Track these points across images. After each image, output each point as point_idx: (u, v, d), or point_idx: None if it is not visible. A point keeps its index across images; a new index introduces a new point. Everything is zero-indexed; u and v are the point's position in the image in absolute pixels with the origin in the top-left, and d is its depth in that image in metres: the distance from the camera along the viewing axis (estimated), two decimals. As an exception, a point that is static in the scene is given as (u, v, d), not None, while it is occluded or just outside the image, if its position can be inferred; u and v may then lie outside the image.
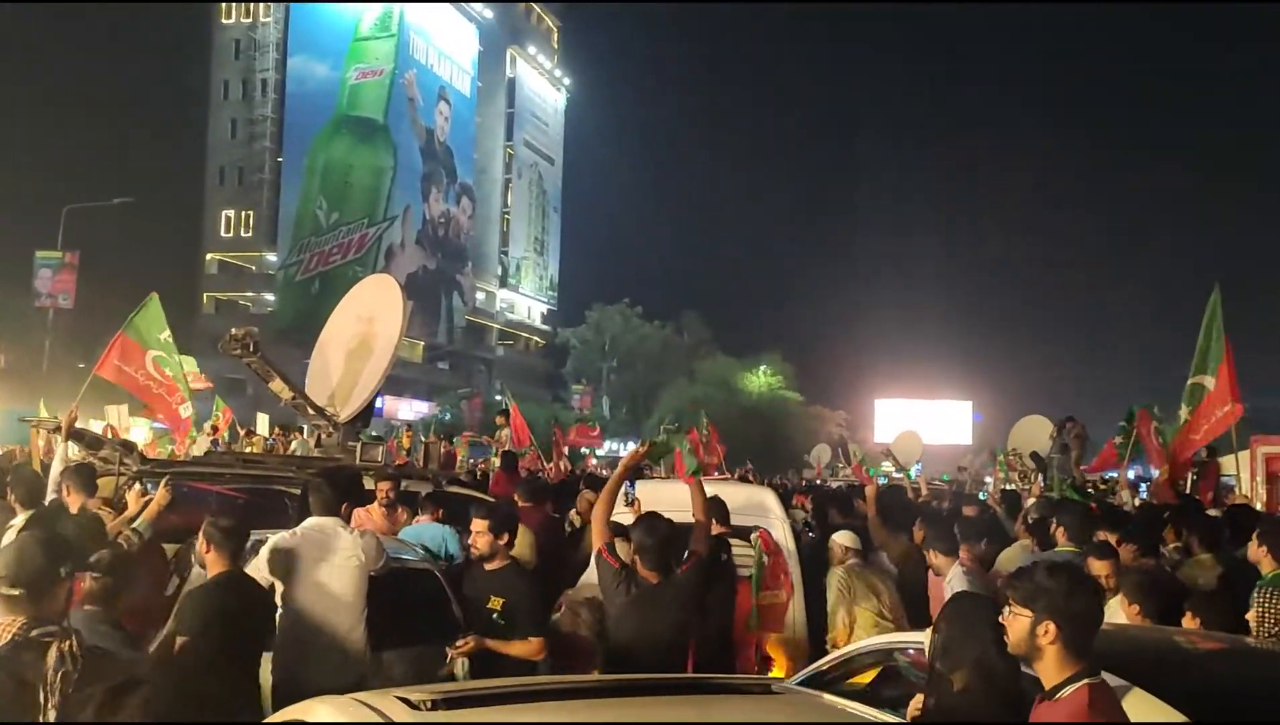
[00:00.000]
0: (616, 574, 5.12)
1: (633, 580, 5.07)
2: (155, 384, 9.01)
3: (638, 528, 5.23)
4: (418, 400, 63.54)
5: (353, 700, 2.60)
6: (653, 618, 5.01)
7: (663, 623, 5.01)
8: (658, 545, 5.07)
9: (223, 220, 69.13)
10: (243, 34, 68.98)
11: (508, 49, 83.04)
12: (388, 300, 9.61)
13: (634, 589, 5.05)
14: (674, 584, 5.10)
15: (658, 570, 5.08)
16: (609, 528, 5.48)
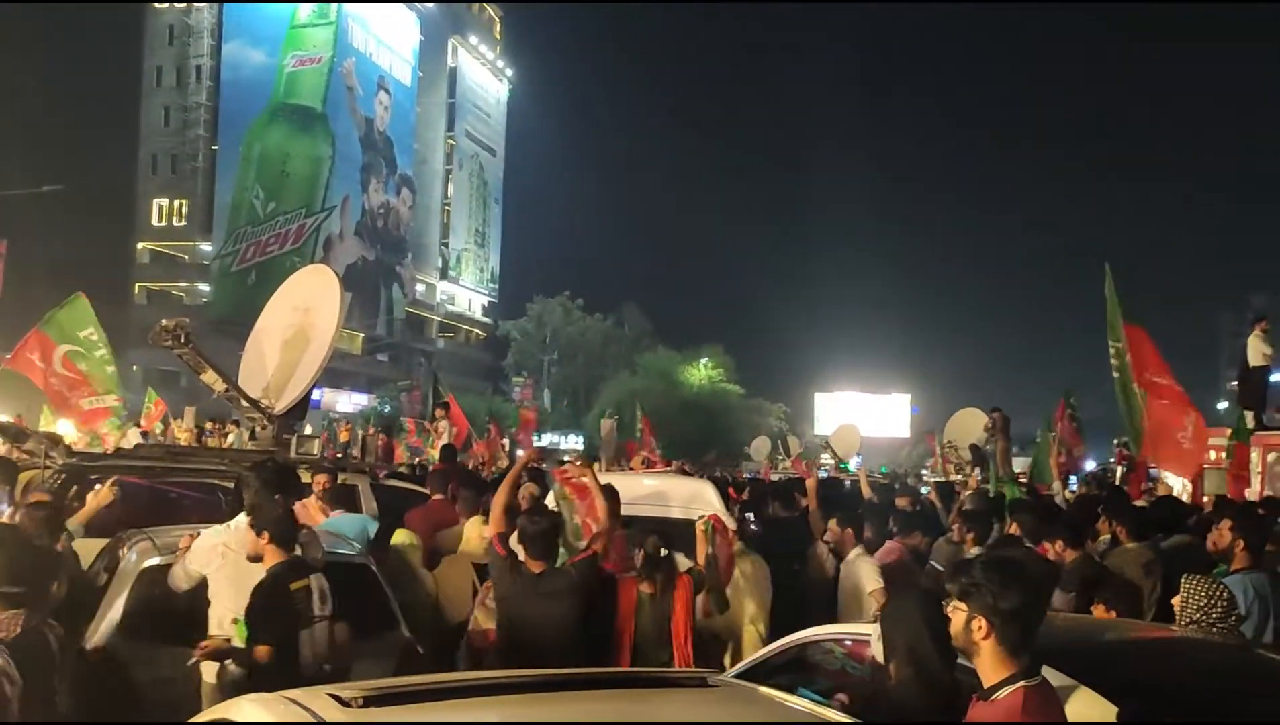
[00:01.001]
0: (503, 562, 5.26)
1: (517, 569, 5.19)
2: (59, 380, 8.86)
3: (523, 516, 5.39)
4: (357, 392, 62.89)
5: (281, 698, 2.55)
6: (535, 606, 5.10)
7: (545, 611, 5.08)
8: (541, 534, 5.20)
9: (155, 209, 67.81)
10: (176, 19, 67.61)
11: (449, 39, 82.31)
12: (325, 291, 9.47)
13: (517, 578, 5.17)
14: (558, 574, 5.21)
15: (541, 559, 5.18)
16: (508, 517, 5.59)
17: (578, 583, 5.17)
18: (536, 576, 5.14)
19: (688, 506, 7.17)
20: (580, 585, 5.18)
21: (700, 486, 7.61)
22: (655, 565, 5.99)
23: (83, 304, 9.12)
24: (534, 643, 4.93)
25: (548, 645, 4.91)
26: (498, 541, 5.34)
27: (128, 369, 53.94)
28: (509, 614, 5.18)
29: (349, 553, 6.11)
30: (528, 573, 5.16)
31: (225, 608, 4.78)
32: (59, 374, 8.75)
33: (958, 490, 10.90)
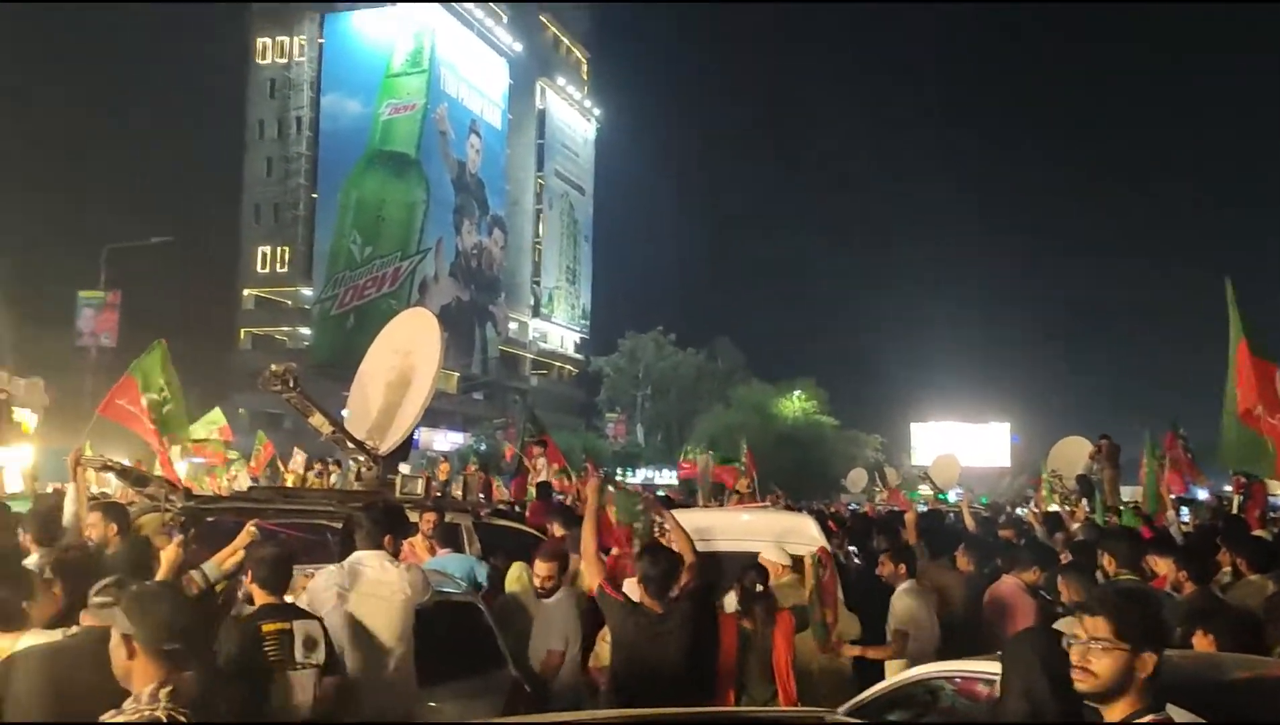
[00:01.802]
0: (621, 607, 5.25)
1: (638, 611, 5.19)
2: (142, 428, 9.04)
3: (642, 559, 5.36)
4: (453, 431, 63.81)
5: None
6: (654, 647, 5.10)
7: (663, 651, 5.09)
8: (662, 575, 5.19)
9: (259, 256, 70.05)
10: (278, 73, 70.16)
11: (537, 81, 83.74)
12: (425, 333, 9.65)
13: (638, 619, 5.16)
14: (677, 611, 5.21)
15: (661, 600, 5.18)
16: (601, 563, 5.60)
17: (690, 620, 5.17)
18: (658, 617, 5.13)
19: (788, 541, 7.14)
20: (695, 618, 5.17)
21: (800, 520, 7.58)
22: (754, 600, 5.98)
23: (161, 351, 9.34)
24: (651, 682, 4.92)
25: (664, 684, 4.91)
26: (606, 586, 5.33)
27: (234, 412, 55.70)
28: (629, 655, 5.17)
29: (454, 591, 6.21)
30: (648, 613, 5.14)
31: (344, 647, 4.89)
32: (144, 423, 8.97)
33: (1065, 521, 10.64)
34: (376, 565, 5.12)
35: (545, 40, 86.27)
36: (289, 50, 70.35)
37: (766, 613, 5.97)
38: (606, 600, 5.31)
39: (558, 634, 6.11)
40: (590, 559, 5.54)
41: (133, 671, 2.96)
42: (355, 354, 10.67)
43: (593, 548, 5.59)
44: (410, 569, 5.29)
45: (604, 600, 5.33)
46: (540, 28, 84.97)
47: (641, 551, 5.39)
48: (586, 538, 5.64)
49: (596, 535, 5.69)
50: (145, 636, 2.95)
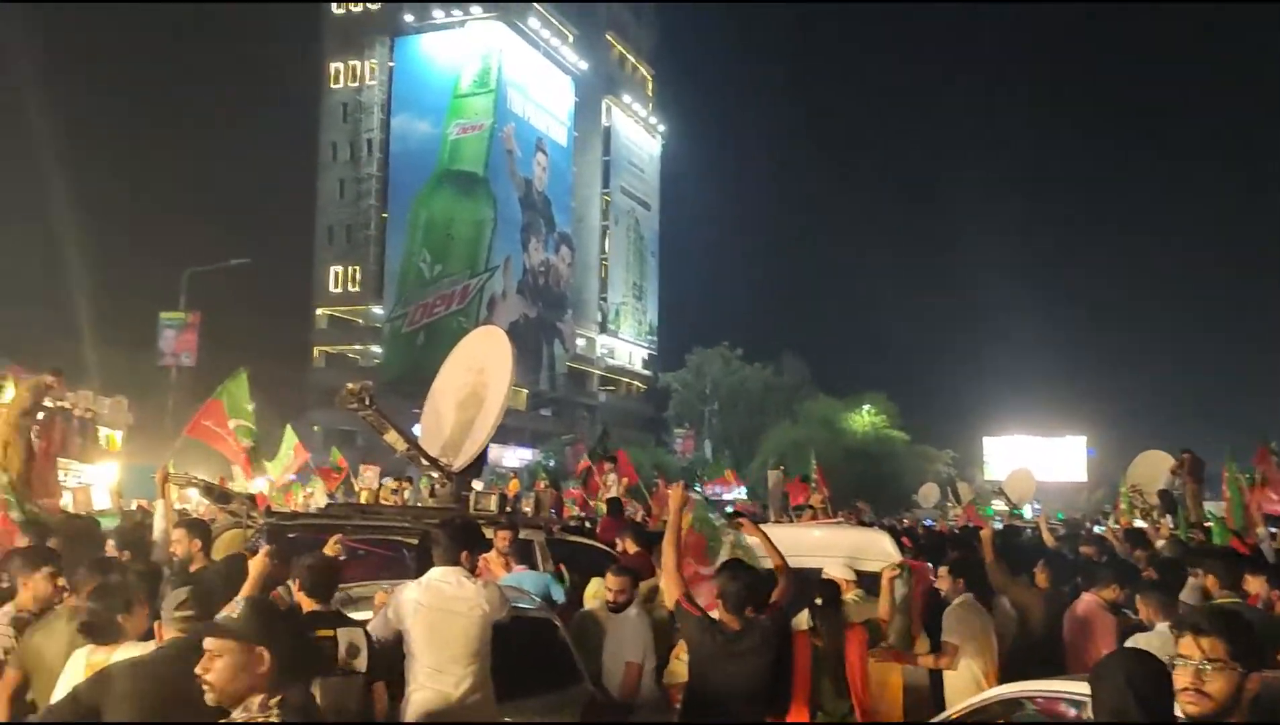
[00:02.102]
0: (699, 623, 5.24)
1: (714, 627, 5.18)
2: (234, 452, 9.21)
3: (722, 574, 5.37)
4: (521, 447, 64.23)
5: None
6: (731, 664, 5.09)
7: (740, 669, 5.08)
8: (739, 591, 5.19)
9: (332, 276, 71.37)
10: (349, 97, 71.59)
11: (603, 99, 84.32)
12: (496, 351, 9.76)
13: (715, 636, 5.15)
14: (756, 629, 5.19)
15: (739, 616, 5.17)
16: (680, 576, 5.58)
17: (770, 638, 5.16)
18: (735, 634, 5.12)
19: (863, 557, 7.08)
20: (774, 639, 5.16)
21: (875, 536, 7.51)
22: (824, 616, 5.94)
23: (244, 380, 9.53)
24: (726, 699, 4.93)
25: (738, 702, 4.91)
26: (686, 602, 5.34)
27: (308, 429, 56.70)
28: (704, 671, 5.18)
29: (530, 607, 6.25)
30: (725, 630, 5.14)
31: (422, 660, 4.96)
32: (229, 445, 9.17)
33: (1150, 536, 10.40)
34: (454, 581, 5.17)
35: (611, 58, 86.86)
36: (360, 74, 71.79)
37: (837, 628, 5.94)
38: (684, 614, 5.31)
39: (631, 648, 6.12)
40: (670, 573, 5.54)
41: (244, 683, 3.04)
42: (425, 371, 10.83)
43: (673, 561, 5.58)
44: (487, 585, 5.33)
45: (681, 614, 5.33)
46: (606, 46, 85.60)
47: (720, 567, 5.39)
48: (667, 551, 5.64)
49: (677, 549, 5.69)
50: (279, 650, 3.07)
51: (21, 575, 5.34)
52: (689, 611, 5.26)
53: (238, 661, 3.06)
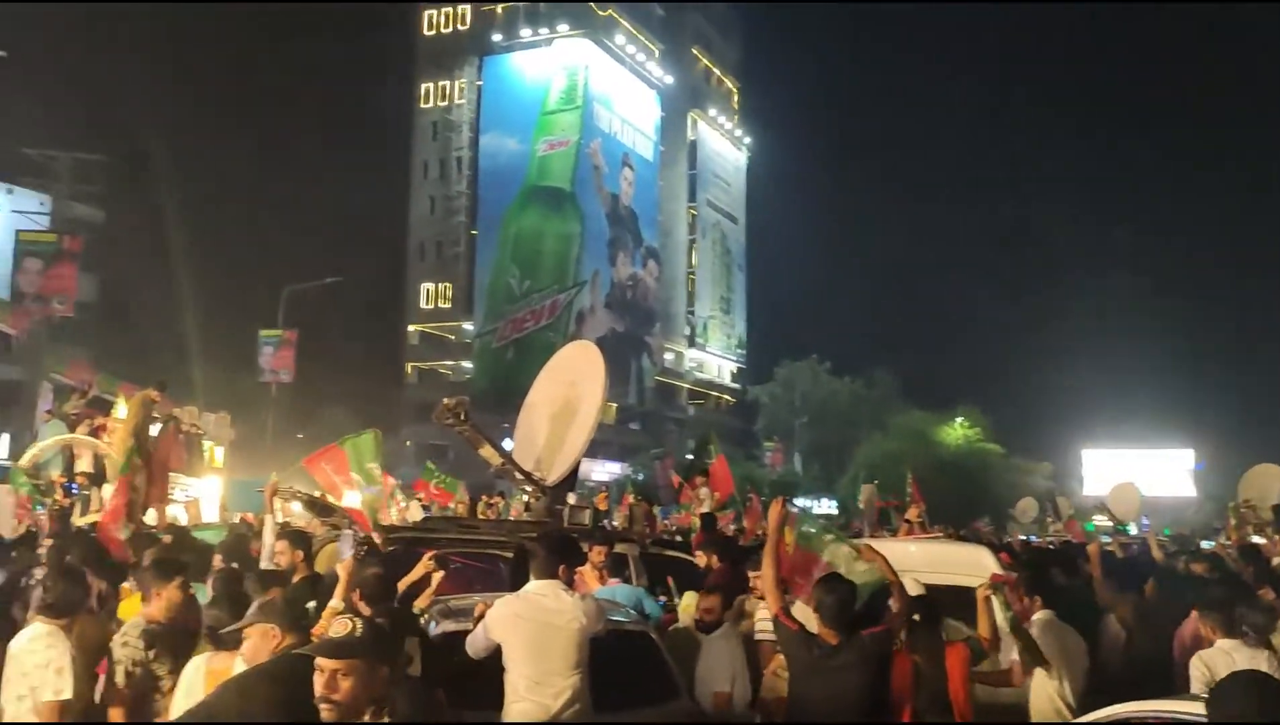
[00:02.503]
0: (796, 637, 5.19)
1: (813, 642, 5.12)
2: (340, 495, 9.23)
3: (819, 586, 5.30)
4: (610, 461, 64.46)
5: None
6: (829, 680, 5.02)
7: (840, 685, 5.00)
8: (838, 604, 5.12)
9: (423, 293, 72.65)
10: (439, 116, 72.96)
11: (689, 112, 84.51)
12: (589, 365, 9.84)
13: (815, 650, 5.09)
14: (856, 645, 5.10)
15: (837, 630, 5.09)
16: (780, 591, 5.52)
17: (872, 656, 5.09)
18: (833, 649, 5.07)
19: (962, 573, 6.94)
20: (875, 658, 5.09)
21: (976, 552, 7.36)
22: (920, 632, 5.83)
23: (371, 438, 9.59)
24: (824, 715, 4.87)
25: (837, 718, 4.84)
26: (784, 615, 5.31)
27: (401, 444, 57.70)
28: (802, 686, 5.14)
29: (627, 620, 6.25)
30: (823, 645, 5.10)
31: (521, 672, 5.00)
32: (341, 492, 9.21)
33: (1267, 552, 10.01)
34: (551, 594, 5.21)
35: (696, 71, 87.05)
36: (450, 94, 73.08)
37: (937, 646, 5.82)
38: (782, 629, 5.27)
39: (722, 674, 6.02)
40: (770, 587, 5.50)
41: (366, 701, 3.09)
42: (515, 386, 10.97)
43: (773, 575, 5.54)
44: (584, 598, 5.36)
45: (780, 629, 5.29)
46: (692, 60, 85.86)
47: (819, 581, 5.34)
48: (767, 565, 5.60)
49: (776, 563, 5.64)
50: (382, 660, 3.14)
51: (155, 586, 5.47)
52: (787, 626, 5.21)
53: (364, 680, 3.10)
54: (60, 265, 28.23)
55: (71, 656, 4.98)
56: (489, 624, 5.13)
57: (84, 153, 32.26)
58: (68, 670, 4.94)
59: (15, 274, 28.54)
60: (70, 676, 4.95)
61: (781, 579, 5.60)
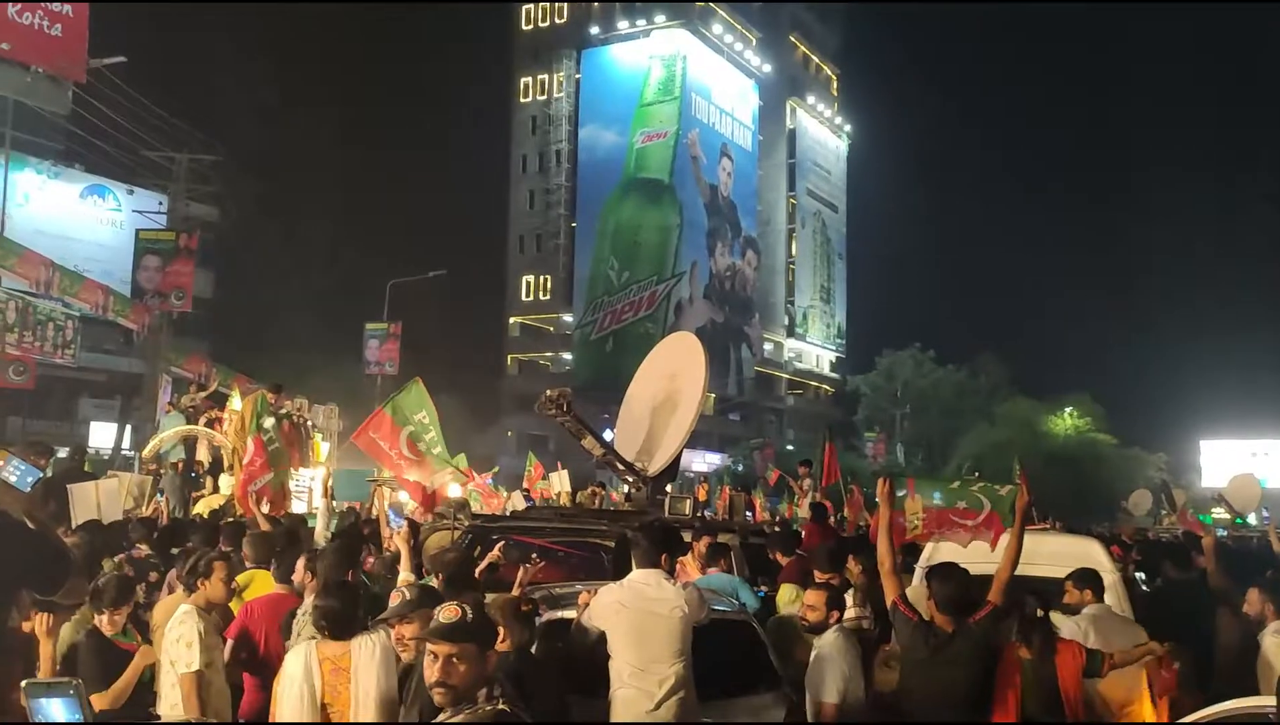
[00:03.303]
0: (915, 626, 5.19)
1: (930, 631, 5.12)
2: (406, 461, 9.39)
3: (934, 575, 5.32)
4: (709, 452, 64.44)
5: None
6: (947, 671, 5.01)
7: (959, 674, 5.00)
8: (953, 591, 5.12)
9: (524, 285, 73.56)
10: (539, 110, 73.71)
11: (787, 100, 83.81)
12: (690, 357, 9.90)
13: (929, 638, 5.09)
14: (970, 635, 5.09)
15: (952, 617, 5.09)
16: (898, 578, 5.48)
17: (985, 647, 5.06)
18: (948, 638, 5.08)
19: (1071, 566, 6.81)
20: (987, 650, 5.06)
21: (1086, 544, 7.21)
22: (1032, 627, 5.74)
23: (418, 389, 9.78)
24: (936, 705, 4.86)
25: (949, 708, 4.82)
26: (903, 604, 5.32)
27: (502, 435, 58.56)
28: (914, 675, 5.13)
29: (728, 609, 6.29)
30: (939, 633, 5.10)
31: (624, 659, 5.08)
32: (405, 455, 9.38)
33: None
34: (654, 583, 5.26)
35: (795, 59, 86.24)
36: (549, 87, 73.73)
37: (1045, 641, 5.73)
38: (898, 616, 5.28)
39: (831, 684, 5.50)
40: (887, 573, 5.48)
41: (475, 677, 3.16)
42: (614, 377, 11.08)
43: (890, 561, 5.52)
44: (686, 587, 5.42)
45: (895, 616, 5.30)
46: (790, 47, 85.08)
47: (932, 569, 5.31)
48: (882, 550, 5.58)
49: (893, 546, 5.60)
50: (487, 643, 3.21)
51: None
52: (903, 613, 5.20)
53: (475, 664, 3.18)
54: (178, 262, 29.19)
55: (200, 632, 5.34)
56: (593, 612, 5.22)
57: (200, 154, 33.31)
58: (197, 645, 5.32)
59: (136, 271, 29.64)
60: (199, 650, 5.32)
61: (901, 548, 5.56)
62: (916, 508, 5.74)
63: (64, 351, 23.67)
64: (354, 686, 4.66)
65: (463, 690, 3.13)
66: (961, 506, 5.65)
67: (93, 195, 40.01)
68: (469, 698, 3.12)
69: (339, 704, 4.65)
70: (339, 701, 4.65)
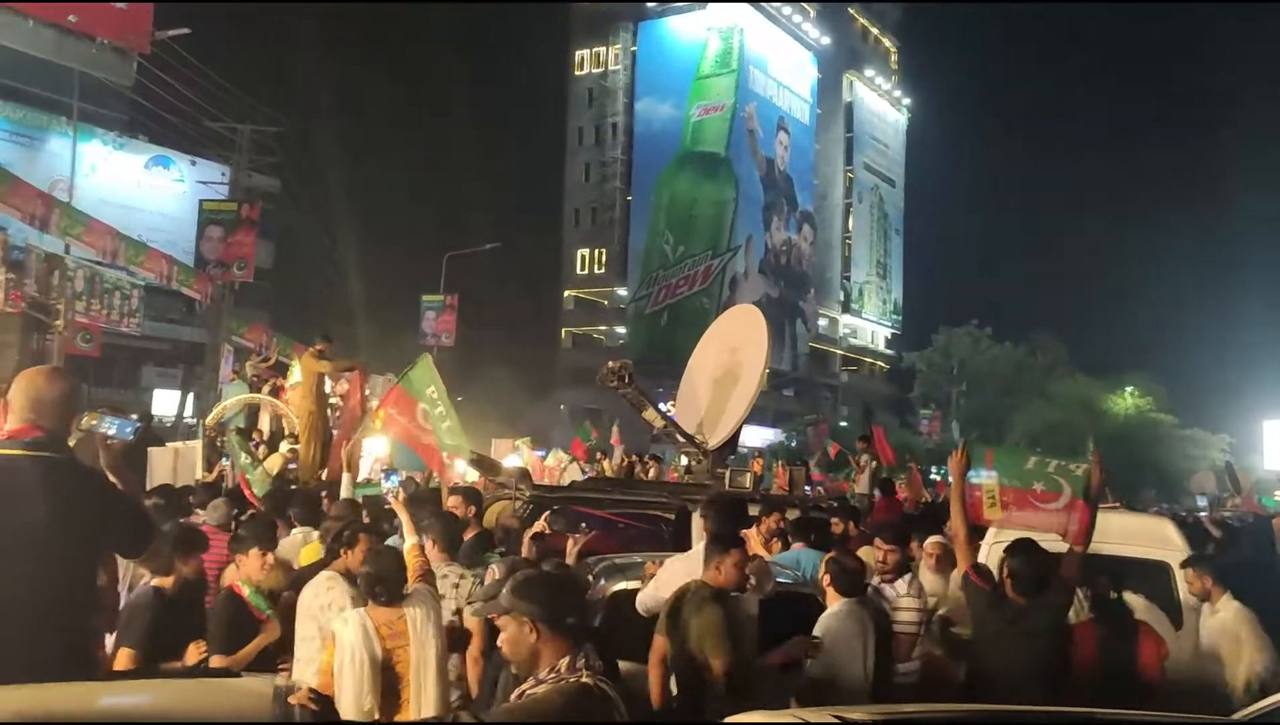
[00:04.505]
0: (989, 597, 5.11)
1: (1001, 603, 5.05)
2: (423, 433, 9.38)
3: (1010, 553, 5.20)
4: (763, 427, 64.23)
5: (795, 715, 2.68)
6: (1022, 644, 4.94)
7: (1035, 648, 4.93)
8: (1028, 569, 5.04)
9: (578, 259, 73.55)
10: (594, 83, 73.44)
11: (845, 74, 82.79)
12: (752, 330, 9.84)
13: (1003, 611, 5.02)
14: (1046, 608, 5.03)
15: (1026, 593, 5.02)
16: (970, 548, 5.41)
17: (1060, 619, 4.99)
18: (1020, 610, 5.02)
19: (1146, 545, 6.69)
20: (1060, 625, 4.99)
21: (1160, 524, 7.07)
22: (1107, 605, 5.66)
23: (425, 364, 9.76)
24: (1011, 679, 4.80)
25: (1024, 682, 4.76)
26: (974, 574, 5.28)
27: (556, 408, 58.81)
28: (988, 649, 5.07)
29: (792, 582, 6.26)
30: (1012, 605, 5.04)
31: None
32: (420, 427, 9.37)
33: None
34: (720, 554, 5.23)
35: (853, 31, 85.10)
36: (605, 60, 73.42)
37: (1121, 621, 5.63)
38: (970, 587, 5.21)
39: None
40: (960, 544, 5.43)
41: (541, 652, 3.09)
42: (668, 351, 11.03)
43: (964, 533, 5.46)
44: (753, 558, 5.38)
45: (969, 587, 5.23)
46: (849, 19, 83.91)
47: (1008, 548, 5.23)
48: (956, 523, 5.52)
49: (965, 516, 5.54)
50: (548, 616, 3.09)
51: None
52: (976, 584, 5.14)
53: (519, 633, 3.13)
54: (240, 232, 29.50)
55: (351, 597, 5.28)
56: (661, 583, 5.21)
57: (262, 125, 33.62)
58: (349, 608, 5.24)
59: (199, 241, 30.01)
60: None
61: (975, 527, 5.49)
62: (994, 486, 5.63)
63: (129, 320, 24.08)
64: (415, 649, 4.68)
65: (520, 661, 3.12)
66: (1039, 488, 5.54)
67: (157, 166, 40.64)
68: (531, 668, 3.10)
69: (399, 668, 4.68)
70: (399, 665, 4.68)
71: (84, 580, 3.39)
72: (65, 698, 2.83)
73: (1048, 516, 5.43)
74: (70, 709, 2.72)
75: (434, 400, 9.30)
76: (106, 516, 3.34)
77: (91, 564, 3.46)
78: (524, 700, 2.96)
